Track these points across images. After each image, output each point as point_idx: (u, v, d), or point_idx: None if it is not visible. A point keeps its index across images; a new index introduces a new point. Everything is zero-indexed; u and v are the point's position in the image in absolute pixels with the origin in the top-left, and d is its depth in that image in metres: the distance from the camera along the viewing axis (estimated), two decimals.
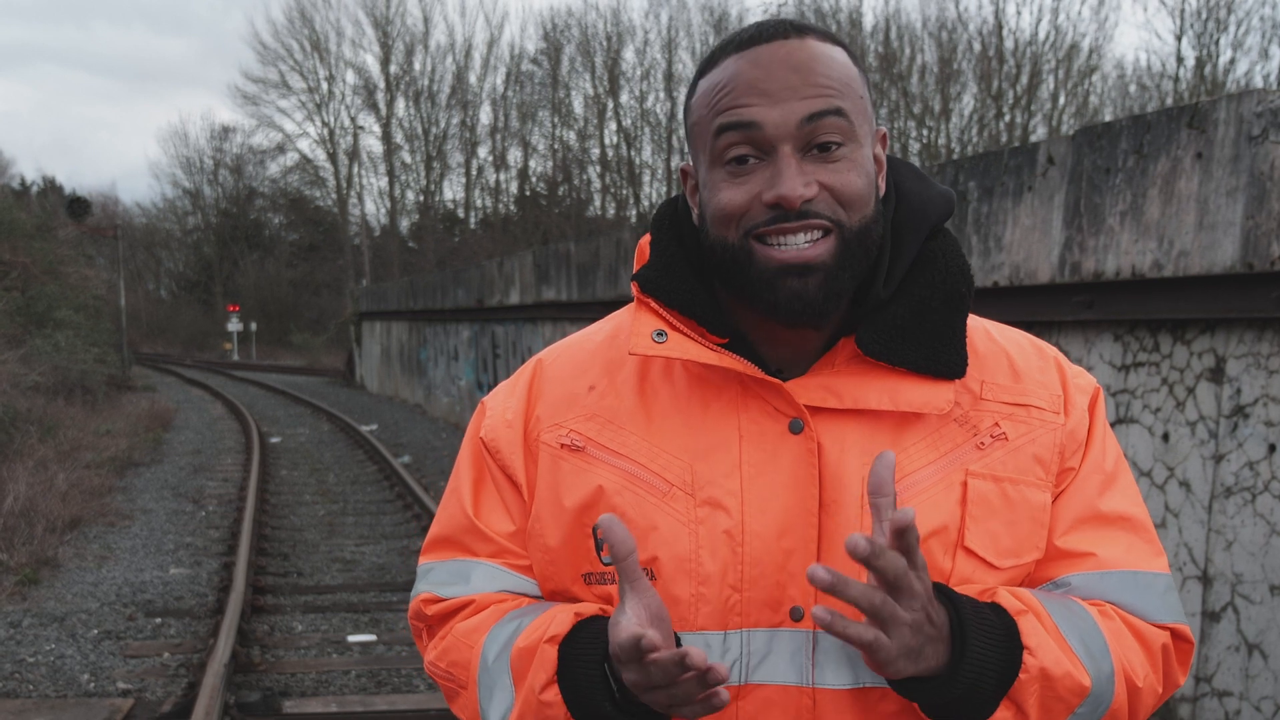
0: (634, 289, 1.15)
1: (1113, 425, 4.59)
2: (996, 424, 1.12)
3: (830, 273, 1.05)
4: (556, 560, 1.14)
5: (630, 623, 0.96)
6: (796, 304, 1.06)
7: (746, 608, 1.07)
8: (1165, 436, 4.32)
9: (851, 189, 1.05)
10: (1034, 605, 1.05)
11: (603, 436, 1.14)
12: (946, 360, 1.10)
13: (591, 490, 1.12)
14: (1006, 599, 1.04)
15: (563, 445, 1.15)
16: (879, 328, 1.09)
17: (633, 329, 1.13)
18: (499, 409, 1.22)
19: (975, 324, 1.19)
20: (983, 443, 1.11)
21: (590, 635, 1.06)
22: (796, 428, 1.09)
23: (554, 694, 1.05)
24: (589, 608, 1.10)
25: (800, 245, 1.05)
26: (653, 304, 1.14)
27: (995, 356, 1.17)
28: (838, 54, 1.08)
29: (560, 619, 1.07)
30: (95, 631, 6.27)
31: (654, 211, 1.22)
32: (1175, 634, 1.13)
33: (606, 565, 1.11)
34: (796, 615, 1.07)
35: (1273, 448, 3.84)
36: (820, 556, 1.07)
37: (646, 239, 1.21)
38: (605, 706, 1.03)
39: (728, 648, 1.08)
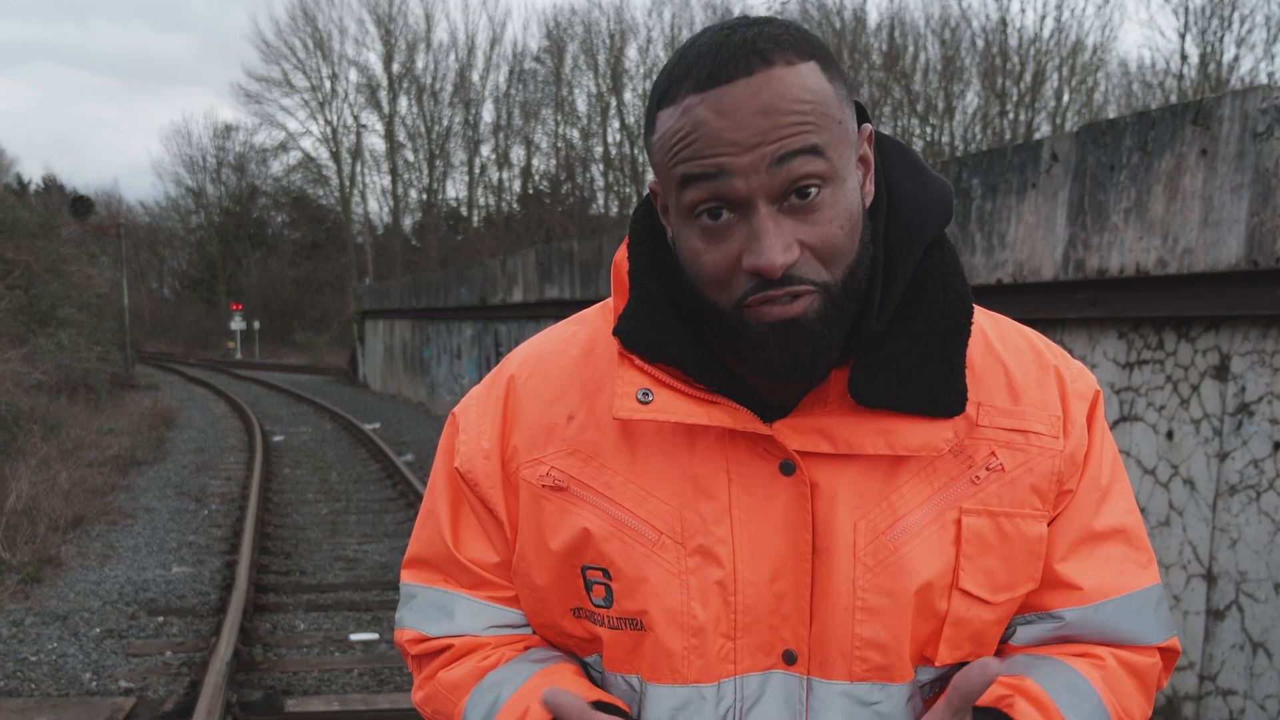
0: (617, 345, 1.10)
1: (1117, 423, 4.58)
2: (993, 454, 1.07)
3: (817, 332, 0.99)
4: (545, 598, 1.13)
5: None
6: (788, 362, 1.00)
7: (740, 654, 1.06)
8: (1169, 434, 4.31)
9: (833, 244, 0.97)
10: (1048, 709, 1.03)
11: (585, 474, 1.10)
12: (945, 400, 1.05)
13: (577, 533, 1.09)
14: (1023, 712, 1.02)
15: (544, 485, 1.11)
16: (872, 371, 1.03)
17: (616, 388, 1.07)
18: (473, 432, 1.17)
19: (974, 326, 1.12)
20: (977, 477, 1.07)
21: None
22: (788, 469, 1.05)
23: None
24: (566, 701, 1.02)
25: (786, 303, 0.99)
26: (636, 361, 1.07)
27: (993, 373, 1.11)
28: (808, 76, 0.95)
29: (534, 712, 1.05)
30: (98, 630, 6.28)
31: (630, 221, 1.15)
32: (1165, 650, 1.13)
33: (597, 607, 1.09)
34: (790, 658, 1.05)
35: (1277, 445, 3.82)
36: (814, 601, 1.05)
37: (623, 254, 1.13)
38: None
39: (721, 696, 1.06)
